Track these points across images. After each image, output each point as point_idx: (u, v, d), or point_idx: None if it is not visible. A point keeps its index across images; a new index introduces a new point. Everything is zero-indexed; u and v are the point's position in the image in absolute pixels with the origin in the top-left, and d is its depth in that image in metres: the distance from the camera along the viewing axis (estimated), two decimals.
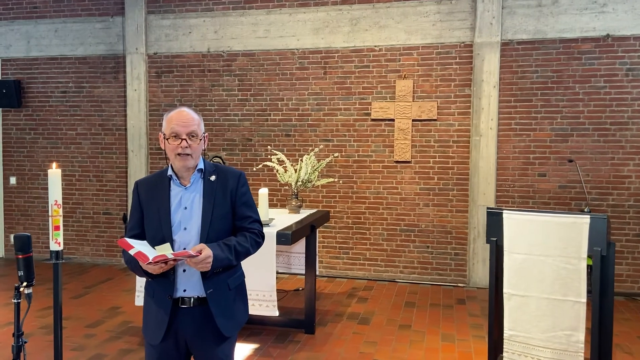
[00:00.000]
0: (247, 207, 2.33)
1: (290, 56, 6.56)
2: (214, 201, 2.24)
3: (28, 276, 2.18)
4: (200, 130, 2.25)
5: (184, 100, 6.90)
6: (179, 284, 2.21)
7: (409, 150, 6.25)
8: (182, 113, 2.23)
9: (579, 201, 5.87)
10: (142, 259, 2.03)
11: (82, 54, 7.19)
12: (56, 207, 3.24)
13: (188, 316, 2.21)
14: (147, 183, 2.34)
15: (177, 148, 2.19)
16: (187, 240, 2.21)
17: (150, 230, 2.25)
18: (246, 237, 2.28)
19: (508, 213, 3.43)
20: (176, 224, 2.22)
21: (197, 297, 2.21)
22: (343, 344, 4.29)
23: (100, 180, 7.25)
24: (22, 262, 2.17)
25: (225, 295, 2.25)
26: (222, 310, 2.23)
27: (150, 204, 2.27)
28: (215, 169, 2.33)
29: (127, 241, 2.11)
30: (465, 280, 6.19)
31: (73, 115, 7.28)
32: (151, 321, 2.27)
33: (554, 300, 3.30)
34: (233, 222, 2.30)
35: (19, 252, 2.18)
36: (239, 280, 2.36)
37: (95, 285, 6.08)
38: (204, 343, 2.25)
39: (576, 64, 5.83)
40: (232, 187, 2.29)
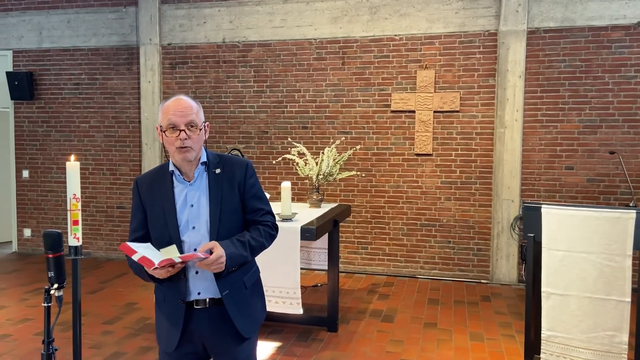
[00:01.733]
0: (257, 199, 2.15)
1: (307, 46, 6.39)
2: (221, 196, 2.06)
3: (59, 277, 2.02)
4: (199, 119, 2.04)
5: (199, 92, 6.75)
6: (193, 286, 2.05)
7: (430, 143, 6.07)
8: (178, 101, 2.02)
9: (607, 195, 5.67)
10: (147, 265, 1.87)
11: (95, 45, 7.05)
12: (74, 201, 3.10)
13: (204, 318, 2.06)
14: (148, 180, 2.15)
15: (176, 140, 1.99)
16: (197, 240, 2.04)
17: (156, 232, 2.08)
18: (260, 231, 2.11)
19: (547, 208, 3.27)
20: (183, 223, 2.04)
21: (212, 299, 2.06)
22: (368, 343, 4.15)
23: (114, 173, 7.13)
24: (53, 262, 2.01)
25: (242, 294, 2.10)
26: (240, 310, 2.08)
27: (153, 203, 2.09)
28: (220, 160, 2.14)
29: (129, 246, 1.95)
30: (489, 276, 6.02)
31: (86, 107, 7.16)
32: (164, 327, 2.12)
33: (596, 300, 3.14)
34: (244, 216, 2.13)
35: (49, 251, 2.01)
36: (254, 276, 2.20)
37: (110, 280, 5.97)
38: (223, 345, 2.10)
39: (605, 53, 5.61)
40: (239, 178, 2.11)
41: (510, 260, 5.92)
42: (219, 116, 6.71)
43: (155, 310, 2.20)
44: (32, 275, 6.18)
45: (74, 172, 3.21)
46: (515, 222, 5.88)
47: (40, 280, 5.95)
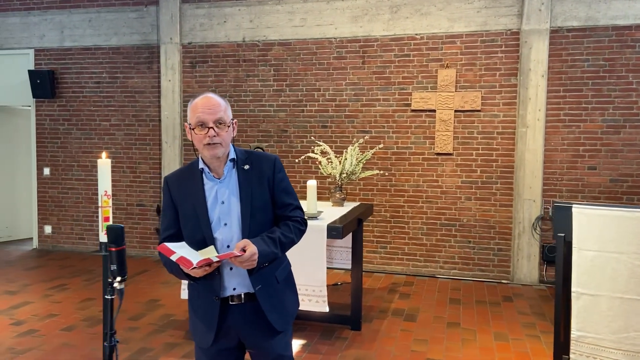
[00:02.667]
0: (287, 194, 2.17)
1: (327, 45, 6.40)
2: (251, 192, 2.08)
3: (121, 270, 2.04)
4: (227, 116, 2.06)
5: (219, 90, 6.78)
6: (228, 282, 2.08)
7: (451, 142, 6.06)
8: (207, 99, 2.04)
9: (631, 195, 5.62)
10: (186, 265, 1.89)
11: (116, 44, 7.11)
12: (106, 198, 3.15)
13: (239, 313, 2.09)
14: (178, 178, 2.17)
15: (205, 138, 2.01)
16: (229, 236, 2.07)
17: (188, 230, 2.09)
18: (289, 227, 2.13)
19: (578, 208, 3.24)
20: (215, 220, 2.07)
21: (247, 293, 2.09)
22: (393, 342, 4.15)
23: (134, 171, 7.19)
24: (115, 255, 2.04)
25: (274, 289, 2.13)
26: (273, 305, 2.11)
27: (184, 201, 2.11)
28: (248, 156, 2.16)
29: (167, 247, 1.97)
30: (509, 276, 5.99)
31: (107, 106, 7.22)
32: (199, 324, 2.14)
33: (628, 300, 3.11)
34: (273, 211, 2.16)
35: (112, 245, 2.04)
36: (285, 271, 2.23)
37: (132, 278, 6.02)
38: (259, 339, 2.13)
39: (629, 52, 5.56)
40: (268, 174, 2.13)
41: (532, 261, 5.88)
42: (238, 115, 6.73)
43: (189, 306, 2.23)
44: (54, 272, 6.25)
45: (105, 169, 3.26)
46: (537, 223, 5.84)
47: (62, 277, 6.02)
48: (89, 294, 5.37)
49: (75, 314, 4.76)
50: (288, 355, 2.20)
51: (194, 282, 2.07)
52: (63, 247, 7.47)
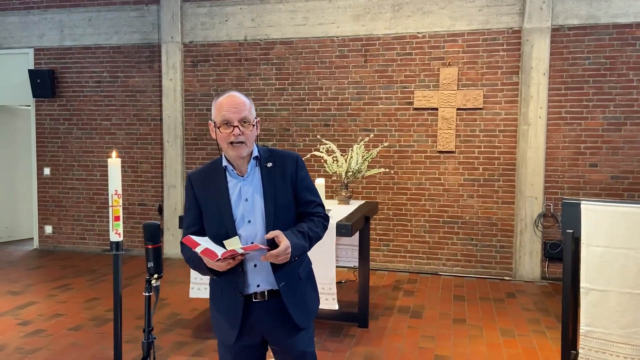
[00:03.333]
0: (309, 192, 2.19)
1: (329, 44, 6.41)
2: (275, 189, 2.10)
3: (157, 267, 2.06)
4: (252, 115, 2.07)
5: (220, 89, 6.78)
6: (251, 279, 2.09)
7: (453, 140, 6.09)
8: (232, 98, 2.05)
9: (632, 192, 5.68)
10: (211, 256, 1.90)
11: (117, 43, 7.09)
12: (116, 197, 3.15)
13: (263, 310, 2.11)
14: (201, 176, 2.18)
15: (230, 136, 2.02)
16: (253, 233, 2.08)
17: (212, 227, 2.10)
18: (315, 222, 2.14)
19: (586, 204, 3.28)
20: (239, 217, 2.08)
21: (270, 290, 2.11)
22: (400, 339, 4.18)
23: (135, 171, 7.18)
24: (152, 253, 2.05)
25: (297, 286, 2.15)
26: (296, 302, 2.13)
27: (208, 198, 2.13)
28: (271, 154, 2.19)
29: (192, 239, 1.98)
30: (511, 273, 6.03)
31: (107, 105, 7.20)
32: (222, 320, 2.16)
33: (636, 295, 3.15)
34: (296, 209, 2.18)
35: (149, 242, 2.05)
36: (307, 268, 2.25)
37: (137, 277, 6.01)
38: (281, 336, 2.15)
39: (630, 50, 5.62)
40: (291, 172, 2.15)
41: (534, 257, 5.93)
42: None
43: (210, 304, 2.24)
44: (56, 272, 6.24)
45: (116, 168, 3.26)
46: (539, 219, 5.89)
47: (65, 277, 6.00)
48: (94, 294, 5.36)
49: (82, 314, 4.75)
50: (311, 351, 2.22)
51: (218, 277, 2.07)
52: (64, 247, 7.45)
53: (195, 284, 4.06)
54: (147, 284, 2.07)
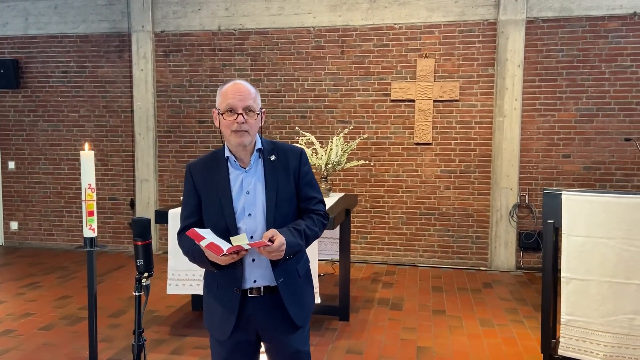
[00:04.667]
0: (311, 187, 2.15)
1: (305, 34, 6.32)
2: (277, 183, 2.06)
3: (147, 265, 1.95)
4: (257, 104, 2.04)
5: (194, 80, 6.63)
6: (249, 274, 2.04)
7: (430, 132, 6.10)
8: (237, 85, 2.02)
9: (603, 182, 5.80)
10: (216, 251, 1.85)
11: (84, 32, 6.84)
12: (90, 192, 3.03)
13: (259, 306, 2.05)
14: (202, 166, 2.12)
15: (233, 124, 1.97)
16: (254, 227, 2.03)
17: (211, 219, 2.05)
18: (314, 220, 2.10)
19: (567, 194, 3.31)
20: (239, 210, 2.03)
21: (267, 286, 2.05)
22: (382, 331, 4.16)
23: (106, 164, 6.96)
24: (142, 250, 1.94)
25: (295, 283, 2.10)
26: (294, 299, 2.08)
27: (208, 189, 2.07)
28: (274, 146, 2.14)
29: (197, 232, 1.91)
30: (487, 264, 6.10)
31: (75, 96, 6.95)
32: (217, 315, 2.09)
33: (616, 284, 3.20)
34: (297, 204, 2.13)
35: (139, 239, 1.94)
36: (306, 265, 2.21)
37: (108, 273, 5.84)
38: (277, 334, 2.10)
39: (602, 43, 5.71)
40: (294, 166, 2.10)
41: (509, 248, 6.01)
42: (214, 105, 6.57)
43: (205, 297, 2.17)
44: (24, 270, 6.01)
45: (89, 161, 3.13)
46: (514, 210, 5.96)
47: (33, 275, 5.78)
48: (65, 292, 5.18)
49: (53, 313, 4.58)
50: (306, 350, 2.17)
51: (218, 270, 2.01)
52: (31, 244, 7.18)
53: (173, 280, 3.95)
54: (137, 283, 1.96)
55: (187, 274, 3.94)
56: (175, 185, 6.76)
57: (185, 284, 3.95)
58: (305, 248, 2.10)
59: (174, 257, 3.98)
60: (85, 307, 4.38)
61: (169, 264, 3.98)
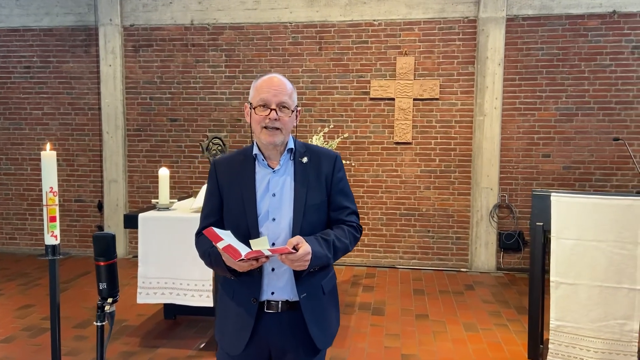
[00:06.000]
0: (344, 196, 1.96)
1: (282, 30, 6.12)
2: (307, 188, 1.87)
3: (112, 289, 1.69)
4: (292, 101, 1.88)
5: (165, 77, 6.35)
6: (266, 285, 1.84)
7: (410, 131, 5.97)
8: (273, 79, 1.87)
9: (582, 182, 5.77)
10: (233, 255, 1.65)
11: (48, 25, 6.49)
12: (52, 195, 2.78)
13: (275, 323, 1.85)
14: (228, 163, 1.96)
15: (265, 119, 1.82)
16: (277, 233, 1.84)
17: (232, 220, 1.88)
18: (344, 231, 1.90)
19: (557, 196, 3.21)
20: (263, 213, 1.85)
21: (285, 301, 1.85)
22: (365, 338, 4.00)
23: (71, 164, 6.62)
24: (105, 271, 1.68)
25: (319, 300, 1.89)
26: (317, 318, 1.86)
27: (232, 188, 1.90)
28: (307, 149, 1.95)
29: (215, 232, 1.73)
30: (467, 265, 6.01)
31: (38, 93, 6.59)
32: (230, 327, 1.89)
33: (606, 288, 3.11)
34: (328, 213, 1.93)
35: (101, 258, 1.68)
36: (332, 282, 1.99)
37: (74, 280, 5.54)
38: (293, 356, 1.88)
39: (582, 41, 5.67)
40: (327, 171, 1.92)
41: (489, 248, 5.93)
42: (187, 103, 6.34)
43: (219, 307, 1.98)
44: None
45: (50, 163, 2.87)
46: (494, 210, 5.88)
47: None
48: (27, 300, 4.86)
49: (14, 323, 4.27)
50: None
51: (234, 277, 1.82)
52: None
53: (144, 288, 3.70)
54: (98, 311, 1.70)
55: (158, 281, 3.71)
56: (146, 186, 6.47)
57: (157, 293, 3.72)
58: (334, 262, 1.90)
59: (145, 263, 3.74)
60: (48, 317, 4.10)
61: (139, 271, 3.74)
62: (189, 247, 3.70)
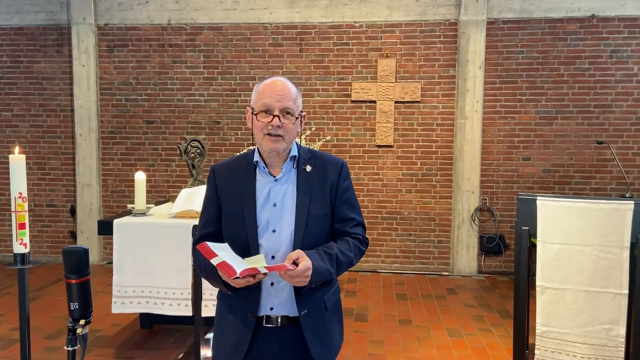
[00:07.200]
0: (350, 207, 1.85)
1: (262, 31, 6.01)
2: (310, 198, 1.77)
3: (85, 309, 1.54)
4: (297, 106, 1.77)
5: (141, 78, 6.18)
6: (265, 300, 1.75)
7: (392, 134, 5.92)
8: (276, 83, 1.76)
9: (562, 185, 5.80)
10: (228, 273, 1.55)
11: (18, 24, 6.26)
12: (20, 201, 2.64)
13: (273, 338, 1.75)
14: (228, 169, 1.86)
15: (267, 126, 1.72)
16: (277, 245, 1.74)
17: (230, 230, 1.78)
18: (349, 244, 1.79)
19: (542, 200, 3.17)
20: (263, 224, 1.75)
21: (285, 316, 1.75)
22: (349, 345, 3.92)
23: (42, 168, 6.39)
24: (77, 290, 1.52)
25: (321, 316, 1.79)
26: (318, 336, 1.76)
27: (230, 196, 1.80)
28: (312, 156, 1.85)
29: (209, 247, 1.63)
30: (449, 268, 5.98)
31: (8, 94, 6.35)
32: (226, 343, 1.79)
33: (593, 293, 3.08)
34: (332, 224, 1.83)
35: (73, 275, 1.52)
36: (335, 296, 1.89)
37: (45, 288, 5.33)
38: None
39: (561, 45, 5.70)
40: (332, 180, 1.82)
41: (471, 252, 5.91)
42: (164, 104, 6.18)
43: (216, 321, 1.88)
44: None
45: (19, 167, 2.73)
46: (475, 214, 5.87)
47: None
48: None
49: None
50: None
51: (232, 292, 1.71)
52: None
53: (119, 297, 3.55)
54: (69, 334, 1.54)
55: (134, 290, 3.56)
56: (121, 190, 6.28)
57: (133, 302, 3.57)
58: (337, 276, 1.80)
59: (120, 271, 3.59)
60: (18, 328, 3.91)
61: (114, 279, 3.59)
62: (166, 254, 3.58)
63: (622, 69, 5.61)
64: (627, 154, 5.63)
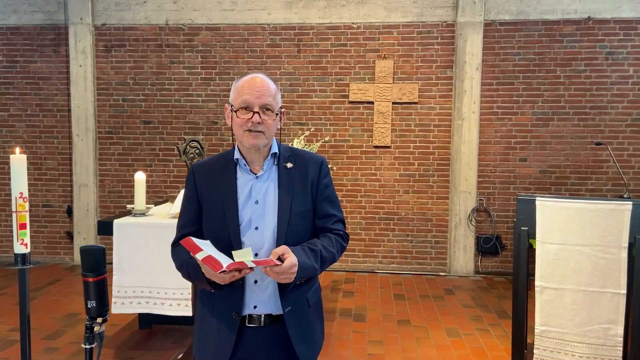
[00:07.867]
0: (330, 203, 1.87)
1: (260, 32, 6.02)
2: (292, 195, 1.77)
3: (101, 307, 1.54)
4: (276, 103, 1.77)
5: (138, 78, 6.17)
6: (248, 298, 1.75)
7: (389, 135, 5.94)
8: (255, 80, 1.76)
9: (558, 186, 5.83)
10: (214, 267, 1.55)
11: (15, 24, 6.23)
12: (22, 201, 2.64)
13: (257, 338, 1.76)
14: (207, 168, 1.86)
15: (247, 123, 1.72)
16: (260, 243, 1.74)
17: (211, 229, 1.78)
18: (332, 241, 1.81)
19: (542, 200, 3.20)
20: (245, 221, 1.74)
21: (269, 315, 1.75)
22: (347, 345, 3.93)
23: (39, 168, 6.37)
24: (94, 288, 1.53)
25: (304, 314, 1.80)
26: (302, 333, 1.77)
27: (211, 195, 1.80)
28: (292, 153, 1.86)
29: (194, 242, 1.63)
30: (446, 269, 6.01)
31: (4, 93, 6.33)
32: (210, 344, 1.79)
33: (591, 293, 3.11)
34: (313, 221, 1.84)
35: (90, 274, 1.53)
36: (317, 294, 1.91)
37: (42, 288, 5.31)
38: None
39: (558, 47, 5.74)
40: (312, 177, 1.83)
41: (467, 252, 5.94)
42: (162, 105, 6.17)
43: (198, 321, 1.87)
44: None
45: (20, 167, 2.73)
46: (472, 214, 5.90)
47: None
48: None
49: None
50: None
51: (218, 290, 1.71)
52: None
53: (118, 297, 3.55)
54: (87, 332, 1.54)
55: (134, 290, 3.56)
56: (118, 190, 6.27)
57: (133, 302, 3.57)
58: (320, 273, 1.81)
59: (120, 271, 3.59)
60: (17, 329, 3.90)
61: (114, 280, 3.58)
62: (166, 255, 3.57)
63: (617, 71, 5.66)
64: (622, 155, 5.68)
